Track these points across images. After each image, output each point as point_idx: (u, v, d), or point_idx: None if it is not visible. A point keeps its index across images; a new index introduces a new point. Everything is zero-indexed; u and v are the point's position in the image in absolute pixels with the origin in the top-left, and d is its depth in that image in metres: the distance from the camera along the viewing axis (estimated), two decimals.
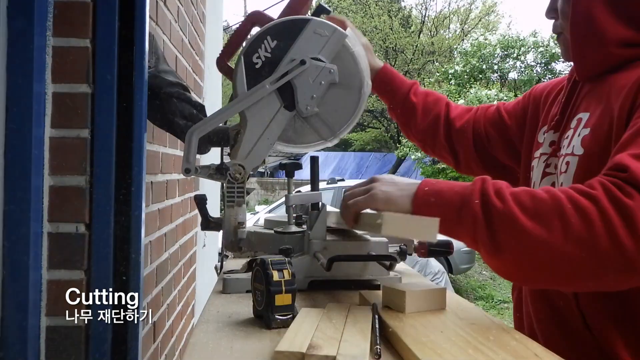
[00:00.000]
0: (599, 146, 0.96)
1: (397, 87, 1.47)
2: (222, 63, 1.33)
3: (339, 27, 1.21)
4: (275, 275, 0.88)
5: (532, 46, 16.28)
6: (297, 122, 1.23)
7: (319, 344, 0.72)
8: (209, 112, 1.37)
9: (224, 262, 1.32)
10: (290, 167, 1.10)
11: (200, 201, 1.22)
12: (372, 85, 1.34)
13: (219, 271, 1.24)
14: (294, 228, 1.10)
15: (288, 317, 0.88)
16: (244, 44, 1.28)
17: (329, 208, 1.20)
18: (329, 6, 23.12)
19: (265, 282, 0.88)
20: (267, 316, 0.88)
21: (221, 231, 1.23)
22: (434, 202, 0.89)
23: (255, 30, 1.26)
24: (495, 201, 0.83)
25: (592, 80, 1.07)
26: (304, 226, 1.19)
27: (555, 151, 1.10)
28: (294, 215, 1.24)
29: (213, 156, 1.50)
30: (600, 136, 0.97)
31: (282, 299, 0.88)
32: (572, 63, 1.11)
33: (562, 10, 1.07)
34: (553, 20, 1.12)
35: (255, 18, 1.29)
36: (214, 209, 3.11)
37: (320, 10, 1.30)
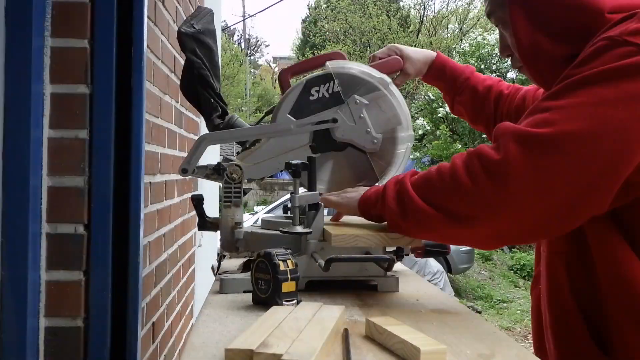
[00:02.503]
0: None
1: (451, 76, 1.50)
2: (284, 76, 1.36)
3: (400, 116, 1.25)
4: (282, 265, 0.97)
5: None
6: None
7: (271, 343, 0.72)
8: None
9: (221, 263, 1.32)
10: (298, 167, 1.10)
11: (197, 201, 1.22)
12: (427, 76, 1.48)
13: (215, 271, 1.25)
14: (299, 228, 1.10)
15: (293, 302, 0.97)
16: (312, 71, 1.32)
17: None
18: (328, 6, 23.12)
19: (273, 272, 0.97)
20: (275, 302, 0.96)
21: (218, 231, 1.23)
22: (372, 196, 1.11)
23: (330, 65, 1.29)
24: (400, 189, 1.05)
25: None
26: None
27: None
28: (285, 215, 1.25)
29: (212, 156, 1.50)
30: None
31: (287, 286, 0.98)
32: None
33: (513, 46, 1.14)
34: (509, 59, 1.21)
35: (338, 55, 1.34)
36: (213, 209, 3.11)
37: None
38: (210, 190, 3.13)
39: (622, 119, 0.90)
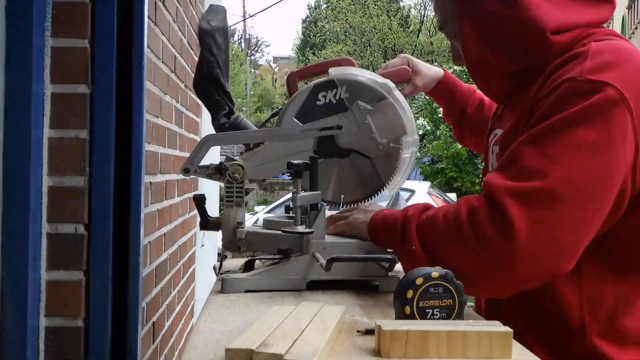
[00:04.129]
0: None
1: (456, 98, 1.56)
2: (293, 79, 1.36)
3: (404, 121, 1.24)
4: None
5: None
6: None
7: (271, 342, 0.71)
8: (206, 112, 1.37)
9: (223, 262, 1.32)
10: (300, 167, 1.10)
11: (199, 201, 1.22)
12: (434, 91, 1.52)
13: (217, 271, 1.24)
14: (300, 228, 1.10)
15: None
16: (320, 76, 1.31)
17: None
18: (328, 6, 23.12)
19: (457, 295, 0.82)
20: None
21: (220, 231, 1.23)
22: (380, 226, 1.14)
23: (345, 70, 1.29)
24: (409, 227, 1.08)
25: (503, 102, 1.25)
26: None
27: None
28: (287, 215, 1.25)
29: (213, 155, 1.50)
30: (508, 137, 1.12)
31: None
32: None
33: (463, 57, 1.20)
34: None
35: (347, 62, 1.34)
36: (213, 209, 3.11)
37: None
38: (210, 190, 3.13)
39: (606, 157, 0.96)
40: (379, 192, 1.30)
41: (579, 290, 1.05)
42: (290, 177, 1.14)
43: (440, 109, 1.64)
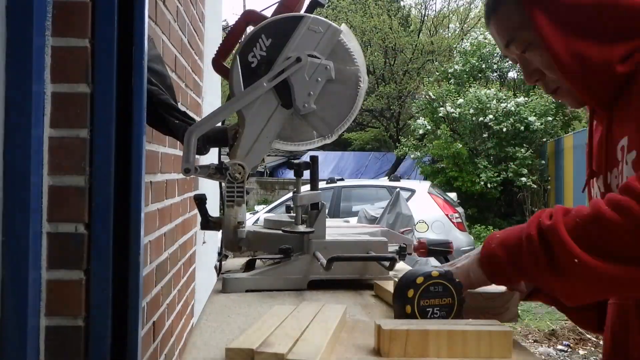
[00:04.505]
0: None
1: None
2: (218, 63, 1.33)
3: (333, 23, 1.21)
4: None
5: None
6: (295, 120, 1.24)
7: (272, 342, 0.71)
8: (207, 112, 1.37)
9: (224, 262, 1.32)
10: (301, 166, 1.10)
11: (200, 201, 1.22)
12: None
13: (218, 271, 1.24)
14: (301, 228, 1.09)
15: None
16: (239, 43, 1.28)
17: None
18: (328, 5, 23.11)
19: (457, 293, 0.84)
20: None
21: (221, 231, 1.23)
22: (499, 254, 0.90)
23: (250, 29, 1.26)
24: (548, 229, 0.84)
25: (610, 108, 1.04)
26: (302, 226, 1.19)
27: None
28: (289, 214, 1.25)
29: (212, 156, 1.50)
30: None
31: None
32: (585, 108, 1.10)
33: (547, 66, 1.04)
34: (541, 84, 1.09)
35: (249, 17, 1.29)
36: (213, 209, 3.10)
37: (314, 5, 1.30)
38: (211, 190, 3.13)
39: None
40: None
41: None
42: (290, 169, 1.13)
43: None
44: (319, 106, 1.22)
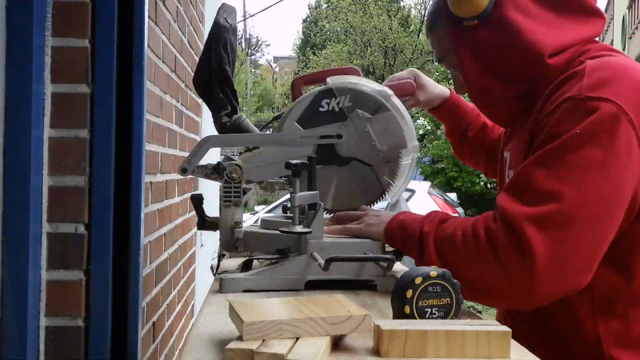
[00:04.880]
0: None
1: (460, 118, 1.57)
2: (297, 84, 1.37)
3: (404, 129, 1.25)
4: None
5: None
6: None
7: (272, 342, 0.71)
8: (207, 112, 1.37)
9: (221, 262, 1.32)
10: (298, 167, 1.10)
11: (197, 201, 1.22)
12: (437, 110, 1.53)
13: (214, 271, 1.24)
14: (298, 228, 1.10)
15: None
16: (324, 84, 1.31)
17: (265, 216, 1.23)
18: (328, 5, 23.11)
19: (455, 293, 0.84)
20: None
21: (218, 231, 1.23)
22: (397, 234, 1.15)
23: (348, 79, 1.29)
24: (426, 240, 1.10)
25: (509, 125, 1.27)
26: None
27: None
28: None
29: (211, 156, 1.51)
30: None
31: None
32: None
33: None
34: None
35: (353, 71, 1.34)
36: (213, 209, 3.10)
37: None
38: (211, 190, 3.13)
39: (615, 172, 0.97)
40: (380, 199, 1.31)
41: (591, 301, 1.05)
42: (286, 180, 1.14)
43: None
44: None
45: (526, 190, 1.01)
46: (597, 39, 1.15)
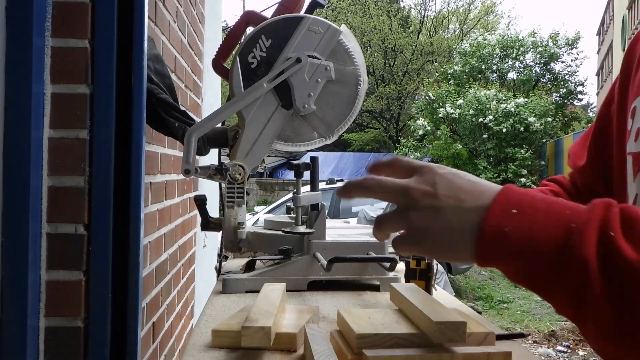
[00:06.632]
0: None
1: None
2: (217, 64, 1.33)
3: (333, 24, 1.21)
4: (412, 264, 1.01)
5: (531, 46, 16.29)
6: (295, 120, 1.24)
7: (256, 318, 0.73)
8: (207, 113, 1.37)
9: (224, 263, 1.31)
10: (300, 167, 1.10)
11: (200, 202, 1.22)
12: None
13: (218, 272, 1.24)
14: (301, 229, 1.09)
15: None
16: (239, 44, 1.28)
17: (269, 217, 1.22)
18: (328, 6, 23.12)
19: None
20: None
21: (221, 232, 1.22)
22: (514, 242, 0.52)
23: (249, 30, 1.26)
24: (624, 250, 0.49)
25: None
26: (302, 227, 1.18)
27: None
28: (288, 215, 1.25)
29: (212, 157, 1.50)
30: None
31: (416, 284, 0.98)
32: None
33: None
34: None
35: (249, 18, 1.29)
36: (213, 210, 3.10)
37: (314, 6, 1.30)
38: (210, 190, 3.13)
39: None
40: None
41: None
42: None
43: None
44: (319, 107, 1.22)
45: None
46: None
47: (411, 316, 0.77)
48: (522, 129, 13.17)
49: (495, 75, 16.88)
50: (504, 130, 13.08)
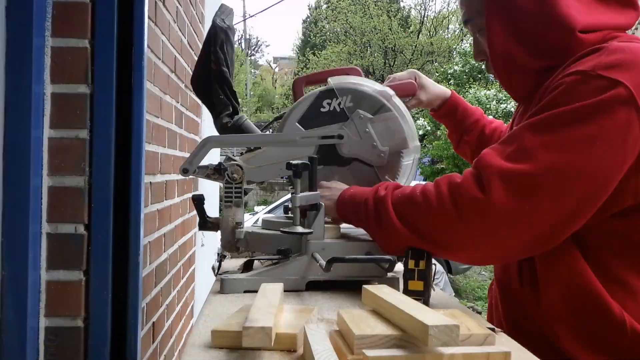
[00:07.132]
0: None
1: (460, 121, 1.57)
2: (299, 85, 1.37)
3: (404, 129, 1.25)
4: (411, 264, 1.01)
5: None
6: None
7: (257, 317, 0.73)
8: (206, 113, 1.37)
9: (222, 263, 1.32)
10: (299, 167, 1.10)
11: (198, 201, 1.22)
12: (438, 111, 1.56)
13: (216, 272, 1.24)
14: (299, 229, 1.10)
15: (419, 301, 0.93)
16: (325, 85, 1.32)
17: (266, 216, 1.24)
18: (328, 6, 23.13)
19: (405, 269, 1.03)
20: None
21: (219, 231, 1.23)
22: (348, 204, 1.16)
23: (349, 79, 1.29)
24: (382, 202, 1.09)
25: (524, 100, 1.20)
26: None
27: None
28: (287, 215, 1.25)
29: (211, 157, 1.50)
30: None
31: (414, 285, 1.02)
32: None
33: (487, 53, 1.18)
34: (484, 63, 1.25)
35: (354, 71, 1.35)
36: (213, 210, 3.11)
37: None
38: (211, 190, 3.13)
39: (601, 154, 0.95)
40: None
41: (621, 289, 1.02)
42: (287, 180, 1.15)
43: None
44: (382, 142, 1.28)
45: (510, 146, 1.00)
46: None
47: (395, 319, 0.77)
48: None
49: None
50: None
